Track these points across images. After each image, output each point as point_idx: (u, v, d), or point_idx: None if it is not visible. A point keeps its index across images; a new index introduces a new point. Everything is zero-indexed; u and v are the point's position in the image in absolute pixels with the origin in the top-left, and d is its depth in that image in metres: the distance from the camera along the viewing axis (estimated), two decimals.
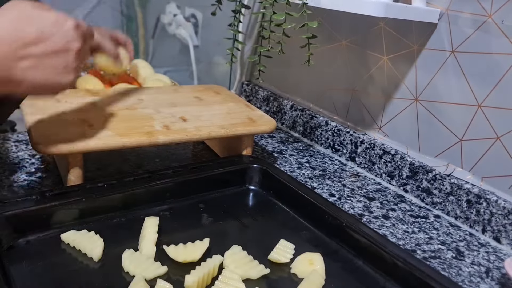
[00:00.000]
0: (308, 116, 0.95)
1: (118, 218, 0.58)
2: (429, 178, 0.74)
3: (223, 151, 0.79)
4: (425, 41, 0.74)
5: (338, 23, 0.87)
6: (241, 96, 1.13)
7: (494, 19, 0.65)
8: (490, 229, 0.67)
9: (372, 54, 0.82)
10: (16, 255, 0.50)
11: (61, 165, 0.66)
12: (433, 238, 0.66)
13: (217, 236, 0.57)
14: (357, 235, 0.56)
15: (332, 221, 0.59)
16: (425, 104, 0.75)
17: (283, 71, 1.01)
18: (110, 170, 0.72)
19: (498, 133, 0.67)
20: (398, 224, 0.68)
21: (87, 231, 0.53)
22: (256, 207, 0.66)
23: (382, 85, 0.81)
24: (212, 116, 0.74)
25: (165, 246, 0.52)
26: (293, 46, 0.75)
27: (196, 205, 0.63)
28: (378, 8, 0.65)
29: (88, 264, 0.50)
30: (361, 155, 0.85)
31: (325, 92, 0.93)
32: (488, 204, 0.67)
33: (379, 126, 0.83)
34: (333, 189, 0.76)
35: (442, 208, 0.73)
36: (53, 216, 0.54)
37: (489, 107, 0.67)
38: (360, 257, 0.56)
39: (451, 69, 0.71)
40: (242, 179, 0.69)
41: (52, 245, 0.52)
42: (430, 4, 0.72)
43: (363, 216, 0.69)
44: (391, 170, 0.80)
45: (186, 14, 1.35)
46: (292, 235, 0.59)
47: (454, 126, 0.72)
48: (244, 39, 1.08)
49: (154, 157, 0.77)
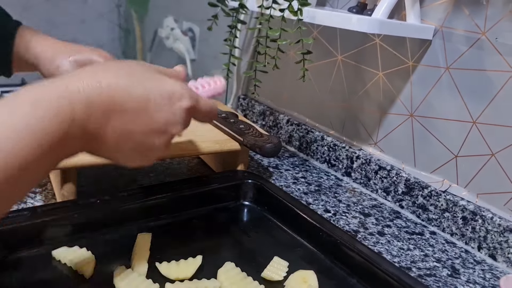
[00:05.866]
0: (304, 131, 0.95)
1: (111, 234, 0.57)
2: (425, 194, 0.74)
3: (218, 166, 0.79)
4: (420, 58, 0.74)
5: (333, 38, 0.87)
6: (237, 110, 1.13)
7: (487, 37, 0.65)
8: (485, 246, 0.66)
9: (368, 69, 0.82)
10: (7, 271, 0.49)
11: (54, 180, 0.66)
12: (428, 255, 0.65)
13: (210, 252, 0.56)
14: (351, 252, 0.56)
15: (327, 238, 0.59)
16: (421, 120, 0.75)
17: (279, 85, 1.01)
18: (104, 185, 0.71)
19: (493, 150, 0.67)
20: (394, 241, 0.67)
21: (78, 248, 0.52)
22: (250, 223, 0.66)
23: (378, 101, 0.82)
24: (207, 131, 0.74)
25: (157, 263, 0.52)
26: (289, 61, 0.75)
27: (189, 221, 0.63)
28: (372, 25, 0.65)
29: (79, 281, 0.49)
30: (356, 171, 0.85)
31: (321, 107, 0.93)
32: (483, 221, 0.66)
33: (374, 142, 0.83)
34: (329, 204, 0.76)
35: (438, 224, 0.72)
36: (45, 232, 0.54)
37: (483, 124, 0.67)
38: (354, 275, 0.55)
39: (446, 85, 0.71)
40: (237, 195, 0.69)
41: (43, 262, 0.51)
42: (425, 21, 0.72)
43: (358, 232, 0.68)
44: (386, 185, 0.79)
45: (183, 28, 1.36)
46: (286, 251, 0.58)
47: (450, 142, 0.72)
48: (240, 54, 1.08)
49: (149, 172, 0.77)
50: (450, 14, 0.69)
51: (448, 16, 0.70)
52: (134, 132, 0.40)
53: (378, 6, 0.67)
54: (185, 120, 0.43)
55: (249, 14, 1.04)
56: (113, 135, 0.40)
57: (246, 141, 0.69)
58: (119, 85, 0.39)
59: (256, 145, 0.68)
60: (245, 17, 0.99)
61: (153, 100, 0.40)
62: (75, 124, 0.37)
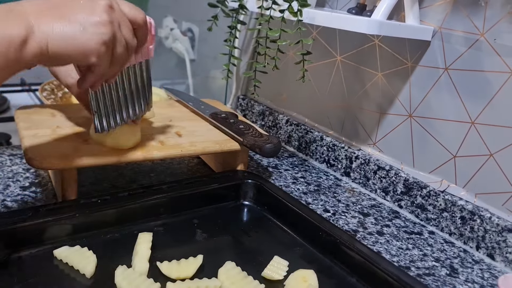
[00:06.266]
0: (303, 131, 0.95)
1: (112, 234, 0.58)
2: (424, 194, 0.74)
3: (218, 166, 0.79)
4: (419, 58, 0.74)
5: (333, 39, 0.88)
6: (237, 110, 1.13)
7: (486, 38, 0.66)
8: (484, 245, 0.67)
9: (367, 70, 0.83)
10: (8, 271, 0.49)
11: (55, 180, 0.66)
12: (427, 254, 0.66)
13: (211, 252, 0.56)
14: (351, 252, 0.56)
15: (326, 237, 0.59)
16: (419, 120, 0.76)
17: (278, 86, 1.02)
18: (105, 185, 0.71)
19: (491, 150, 0.67)
20: (393, 241, 0.68)
21: (80, 247, 0.53)
22: (250, 223, 0.66)
23: (377, 101, 0.82)
24: (207, 131, 0.74)
25: (158, 263, 0.52)
26: (289, 61, 0.76)
27: (190, 220, 0.63)
28: (372, 26, 0.65)
29: (80, 280, 0.50)
30: (355, 171, 0.85)
31: (320, 107, 0.93)
32: (482, 221, 0.67)
33: (373, 142, 0.84)
34: (328, 204, 0.76)
35: (437, 224, 0.73)
36: (46, 231, 0.54)
37: (482, 124, 0.68)
38: (354, 274, 0.56)
39: (444, 86, 0.72)
40: (237, 195, 0.69)
41: (45, 261, 0.52)
42: (424, 22, 0.73)
43: (358, 232, 0.69)
44: (385, 185, 0.80)
45: (182, 28, 1.36)
46: (286, 251, 0.59)
47: (448, 142, 0.72)
48: (240, 54, 1.08)
49: (149, 172, 0.77)
50: (449, 15, 0.70)
51: (447, 17, 0.70)
52: (65, 14, 0.44)
53: (378, 7, 0.67)
54: (107, 15, 0.45)
55: (249, 15, 1.04)
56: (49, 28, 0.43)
57: (246, 141, 0.70)
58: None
59: (256, 145, 0.68)
60: (244, 17, 0.99)
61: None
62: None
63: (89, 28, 0.44)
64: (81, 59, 0.45)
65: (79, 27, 0.43)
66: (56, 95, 1.00)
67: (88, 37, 0.44)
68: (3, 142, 0.98)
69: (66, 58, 0.44)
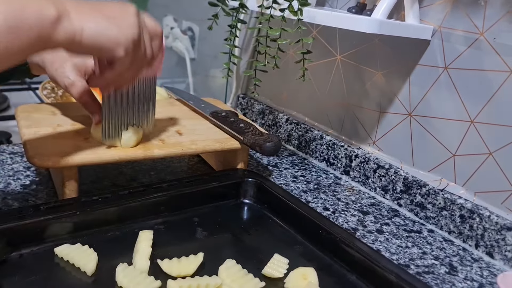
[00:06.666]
0: (303, 130, 0.95)
1: (112, 232, 0.58)
2: (423, 192, 0.74)
3: (218, 165, 0.80)
4: (418, 57, 0.75)
5: (333, 38, 0.88)
6: (237, 109, 1.13)
7: (486, 37, 0.66)
8: (483, 244, 0.67)
9: (367, 69, 0.83)
10: (9, 269, 0.50)
11: (56, 178, 0.66)
12: (426, 253, 0.66)
13: (211, 250, 0.57)
14: (351, 250, 0.56)
15: (326, 235, 0.59)
16: (419, 119, 0.76)
17: (278, 84, 1.02)
18: (105, 183, 0.72)
19: (490, 149, 0.67)
20: (392, 239, 0.68)
21: (81, 245, 0.53)
22: (250, 221, 0.66)
23: (377, 100, 0.82)
24: (208, 130, 0.74)
25: (159, 260, 0.52)
26: (289, 60, 0.76)
27: (190, 219, 0.63)
28: (372, 25, 0.66)
29: (81, 278, 0.50)
30: (355, 169, 0.85)
31: (320, 106, 0.93)
32: (481, 219, 0.67)
33: (373, 140, 0.84)
34: (328, 203, 0.76)
35: (436, 222, 0.73)
36: (47, 229, 0.54)
37: (481, 123, 0.68)
38: (353, 272, 0.56)
39: (444, 85, 0.72)
40: (237, 193, 0.69)
41: (46, 259, 0.52)
42: (423, 21, 0.73)
43: (357, 230, 0.69)
44: (385, 184, 0.80)
45: (183, 27, 1.37)
46: (286, 249, 0.59)
47: (447, 141, 0.73)
48: (240, 53, 1.09)
49: (149, 170, 0.78)
50: (448, 14, 0.70)
51: (446, 16, 0.70)
52: (97, 13, 0.47)
53: (378, 6, 0.68)
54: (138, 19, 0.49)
55: (249, 14, 1.04)
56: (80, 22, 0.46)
57: (246, 140, 0.70)
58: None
59: (256, 144, 0.69)
60: (245, 16, 0.99)
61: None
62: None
63: (123, 25, 0.48)
64: (111, 50, 0.48)
65: (114, 22, 0.47)
66: (57, 94, 1.00)
67: (121, 32, 0.48)
68: (3, 140, 0.98)
69: (96, 47, 0.47)
